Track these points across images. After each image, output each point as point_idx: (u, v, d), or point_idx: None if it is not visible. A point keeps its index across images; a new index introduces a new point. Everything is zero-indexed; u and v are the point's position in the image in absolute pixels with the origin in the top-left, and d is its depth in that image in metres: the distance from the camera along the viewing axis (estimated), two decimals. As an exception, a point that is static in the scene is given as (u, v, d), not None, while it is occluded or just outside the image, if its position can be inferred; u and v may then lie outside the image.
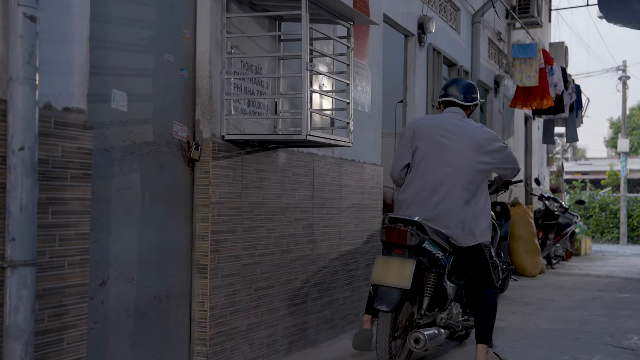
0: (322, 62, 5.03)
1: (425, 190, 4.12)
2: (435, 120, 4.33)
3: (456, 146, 4.11)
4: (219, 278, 3.84)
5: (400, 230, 3.94)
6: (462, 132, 4.15)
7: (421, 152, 4.19)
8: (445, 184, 4.09)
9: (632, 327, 5.90)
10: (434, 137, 4.17)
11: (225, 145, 3.90)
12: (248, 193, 4.12)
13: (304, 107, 3.71)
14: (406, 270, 3.85)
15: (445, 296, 4.24)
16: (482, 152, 4.13)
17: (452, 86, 4.38)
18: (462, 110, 4.31)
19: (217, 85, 3.85)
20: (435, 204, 4.09)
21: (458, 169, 4.09)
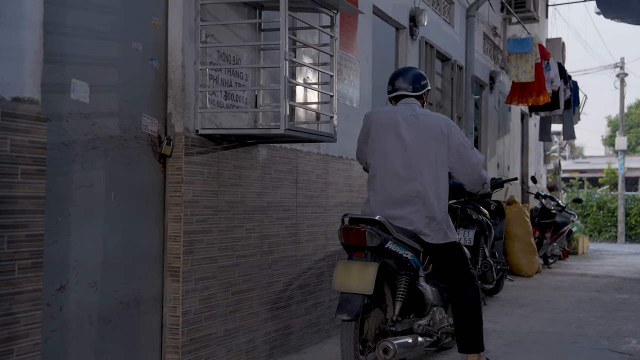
0: (307, 54, 4.81)
1: (386, 185, 3.90)
2: (389, 112, 4.03)
3: (415, 138, 3.90)
4: (192, 281, 3.61)
5: (358, 230, 3.61)
6: (417, 123, 3.94)
7: (374, 146, 3.99)
8: (407, 178, 3.87)
9: (630, 330, 5.69)
10: (386, 131, 3.95)
11: (200, 140, 3.67)
12: (225, 191, 3.89)
13: (282, 100, 3.48)
14: (367, 274, 3.54)
15: (421, 300, 3.92)
16: (443, 140, 3.91)
17: (398, 79, 4.09)
18: (416, 99, 4.06)
19: (191, 76, 3.62)
20: (398, 200, 3.86)
21: (419, 161, 3.89)
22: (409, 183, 3.86)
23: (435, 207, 3.88)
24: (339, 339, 3.63)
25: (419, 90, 4.08)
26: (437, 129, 3.92)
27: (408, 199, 3.85)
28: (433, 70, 7.38)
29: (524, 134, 12.94)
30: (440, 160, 3.92)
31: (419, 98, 4.09)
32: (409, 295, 3.86)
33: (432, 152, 3.90)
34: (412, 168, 3.88)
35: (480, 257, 6.69)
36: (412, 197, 3.85)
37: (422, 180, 3.87)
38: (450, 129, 3.96)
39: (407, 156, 3.89)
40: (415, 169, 3.87)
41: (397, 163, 3.90)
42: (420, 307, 3.95)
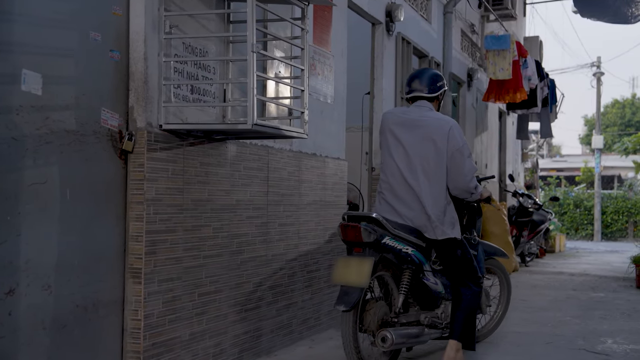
0: (279, 48, 4.67)
1: (390, 184, 4.11)
2: (399, 115, 4.23)
3: (413, 138, 4.07)
4: (155, 283, 3.45)
5: (354, 227, 3.80)
6: (419, 126, 4.09)
7: (384, 146, 4.21)
8: (408, 178, 4.06)
9: (605, 330, 5.63)
10: (392, 132, 4.16)
11: (163, 136, 3.51)
12: (191, 188, 3.74)
13: (250, 94, 3.34)
14: (364, 268, 3.72)
15: (429, 294, 4.11)
16: (438, 141, 4.03)
17: (414, 81, 4.25)
18: (430, 101, 4.22)
19: (154, 69, 3.46)
20: (399, 197, 4.06)
21: (418, 160, 4.05)
22: (409, 182, 4.04)
23: (431, 206, 4.00)
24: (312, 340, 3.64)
25: (435, 92, 4.22)
26: (439, 131, 4.04)
27: (409, 197, 4.04)
28: (409, 66, 7.27)
29: (501, 132, 12.91)
30: (439, 161, 4.04)
31: (435, 99, 4.25)
32: (414, 289, 4.04)
33: (431, 153, 4.04)
34: (411, 168, 4.05)
35: (456, 256, 6.58)
36: (411, 196, 4.03)
37: (420, 179, 4.03)
38: (451, 132, 4.05)
39: (408, 156, 4.06)
40: (414, 169, 4.04)
41: (400, 163, 4.08)
42: (427, 300, 4.13)
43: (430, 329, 4.14)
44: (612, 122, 40.64)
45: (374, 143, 6.58)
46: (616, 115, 41.51)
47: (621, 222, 20.79)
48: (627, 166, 30.40)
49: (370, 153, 6.61)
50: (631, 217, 20.61)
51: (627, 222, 20.72)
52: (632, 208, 20.60)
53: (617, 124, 40.52)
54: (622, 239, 20.49)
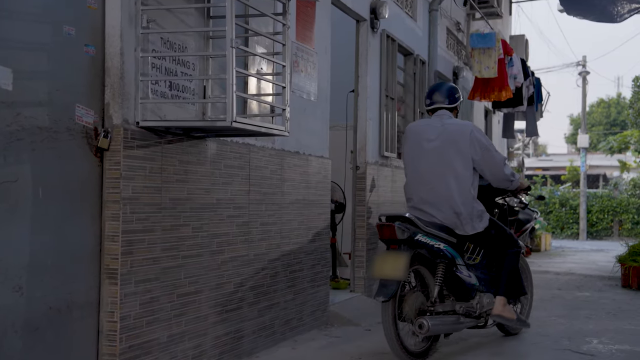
0: (262, 44, 4.59)
1: (418, 189, 4.54)
2: (421, 125, 4.71)
3: (438, 144, 4.50)
4: (132, 283, 3.37)
5: (389, 226, 4.23)
6: (444, 132, 4.52)
7: (407, 155, 4.67)
8: (434, 181, 4.48)
9: (591, 329, 5.60)
10: (417, 141, 4.60)
11: (141, 133, 3.43)
12: (169, 187, 3.66)
13: (229, 90, 3.26)
14: (400, 262, 4.13)
15: (462, 285, 4.50)
16: (462, 145, 4.47)
17: (435, 94, 4.72)
18: (449, 111, 4.68)
19: (130, 64, 3.37)
20: (428, 201, 4.48)
21: (443, 164, 4.47)
22: (436, 186, 4.47)
23: (460, 205, 4.44)
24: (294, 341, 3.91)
25: (454, 103, 4.71)
26: (461, 136, 4.50)
27: (437, 199, 4.46)
28: (394, 64, 7.21)
29: (487, 130, 12.89)
30: (464, 163, 4.49)
31: (454, 109, 4.73)
32: (448, 281, 4.46)
33: (456, 157, 4.48)
34: (437, 173, 4.48)
35: (441, 255, 6.54)
36: (440, 198, 4.46)
37: (447, 182, 4.45)
38: (473, 135, 4.51)
39: (433, 162, 4.50)
40: (440, 173, 4.47)
41: (426, 169, 4.52)
42: (461, 291, 4.53)
43: (465, 318, 4.51)
44: (598, 122, 40.89)
45: (358, 141, 6.52)
46: (602, 114, 41.76)
47: (606, 221, 20.89)
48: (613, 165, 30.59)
49: (355, 151, 6.55)
50: (616, 216, 20.72)
51: (612, 221, 20.82)
52: (618, 207, 20.71)
53: (602, 123, 40.76)
54: (607, 237, 20.58)
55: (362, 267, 6.44)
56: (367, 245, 6.52)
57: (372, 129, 6.66)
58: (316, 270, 5.47)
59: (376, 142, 6.78)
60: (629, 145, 25.72)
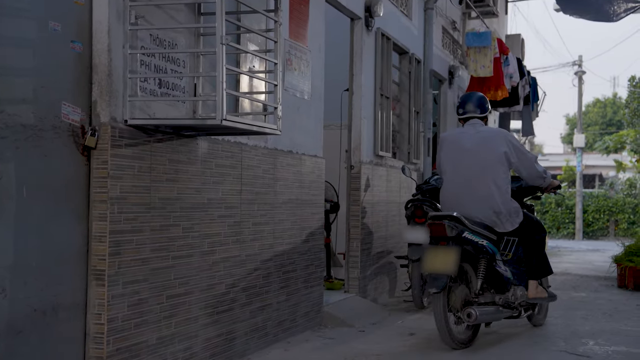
0: (254, 42, 4.53)
1: (457, 191, 4.95)
2: (457, 134, 5.18)
3: (475, 150, 4.94)
4: (119, 285, 3.30)
5: (439, 224, 4.64)
6: (478, 141, 4.97)
7: (444, 162, 5.09)
8: (474, 184, 4.89)
9: (587, 330, 5.55)
10: (454, 148, 5.05)
11: (129, 131, 3.36)
12: (159, 186, 3.59)
13: (219, 88, 3.20)
14: (450, 258, 4.56)
15: (500, 279, 4.93)
16: (497, 150, 4.90)
17: (467, 104, 5.18)
18: (481, 120, 5.13)
19: (119, 61, 3.30)
20: (469, 200, 4.88)
21: (481, 168, 4.90)
22: (476, 188, 4.88)
23: (500, 204, 4.88)
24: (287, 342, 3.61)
25: (484, 112, 5.16)
26: (497, 141, 4.95)
27: (478, 200, 4.87)
28: (389, 63, 7.15)
29: (483, 130, 12.84)
30: (500, 166, 4.91)
31: (485, 118, 5.18)
32: (488, 274, 4.88)
33: (492, 160, 4.90)
34: (477, 176, 4.89)
35: (436, 255, 6.50)
36: (480, 198, 4.87)
37: (487, 184, 4.88)
38: (507, 139, 4.99)
39: (472, 167, 4.92)
40: (480, 177, 4.89)
41: (466, 172, 4.93)
42: (499, 284, 4.97)
43: (504, 309, 4.93)
44: (594, 121, 40.90)
45: (352, 140, 6.46)
46: (597, 114, 41.78)
47: (602, 220, 20.87)
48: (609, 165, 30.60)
49: (350, 151, 6.48)
50: (612, 215, 20.70)
51: (608, 221, 20.80)
52: (614, 207, 20.69)
53: (598, 123, 40.78)
54: (603, 237, 20.56)
55: (357, 267, 6.38)
56: (362, 246, 6.45)
57: (366, 128, 6.60)
58: (310, 270, 5.41)
59: (371, 141, 6.73)
60: (625, 145, 25.71)
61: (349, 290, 6.41)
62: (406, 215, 6.51)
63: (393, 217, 7.37)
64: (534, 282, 5.07)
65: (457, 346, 4.67)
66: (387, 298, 7.11)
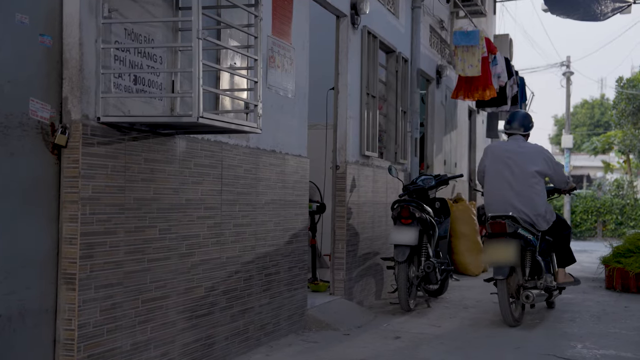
0: (235, 38, 4.41)
1: (503, 196, 5.87)
2: (502, 147, 6.16)
3: (518, 162, 5.88)
4: (91, 289, 3.17)
5: (501, 223, 5.66)
6: (521, 152, 5.94)
7: (490, 170, 6.02)
8: (517, 187, 5.83)
9: (575, 333, 5.46)
10: (499, 159, 5.98)
11: (102, 129, 3.23)
12: (134, 187, 3.46)
13: (195, 84, 3.08)
14: (511, 250, 5.62)
15: (539, 268, 5.93)
16: (538, 161, 5.89)
17: (513, 122, 6.13)
18: (523, 136, 6.10)
19: (91, 56, 3.17)
20: (514, 202, 5.80)
21: (524, 177, 5.85)
22: (520, 193, 5.82)
23: (540, 206, 5.88)
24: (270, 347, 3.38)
25: (528, 130, 6.14)
26: (537, 155, 5.96)
27: (522, 203, 5.80)
28: (376, 61, 7.05)
29: (471, 130, 12.78)
30: (538, 176, 5.89)
31: (527, 135, 6.16)
32: (531, 264, 5.88)
33: (532, 171, 5.86)
34: (521, 183, 5.84)
35: (423, 257, 6.40)
36: (524, 201, 5.81)
37: (530, 190, 5.84)
38: (546, 154, 6.01)
39: (516, 175, 5.87)
40: (524, 183, 5.84)
41: (510, 179, 5.87)
42: (538, 272, 5.95)
43: (543, 292, 5.89)
44: (582, 123, 41.04)
45: (338, 140, 6.35)
46: (585, 115, 41.93)
47: (590, 221, 20.87)
48: (596, 166, 30.69)
49: (335, 151, 6.37)
50: (600, 216, 20.71)
51: (596, 222, 20.81)
52: (601, 208, 20.70)
53: (586, 124, 40.93)
54: (591, 238, 20.56)
55: (342, 269, 6.27)
56: (347, 247, 6.34)
57: (352, 127, 6.49)
58: (293, 272, 5.29)
59: (357, 141, 6.62)
60: (613, 145, 25.78)
61: (334, 293, 6.29)
62: (392, 216, 6.41)
63: (380, 218, 7.27)
64: (562, 269, 6.20)
65: (514, 324, 5.64)
66: (374, 300, 7.01)
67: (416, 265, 6.39)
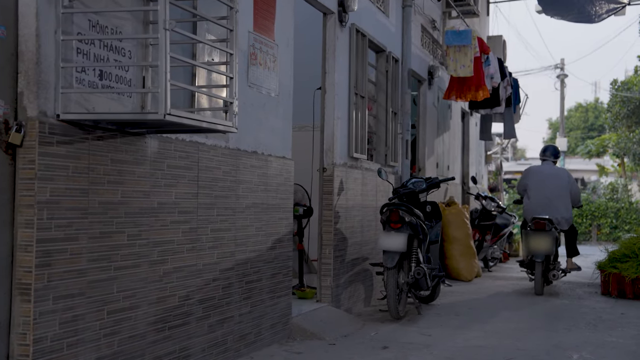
0: (213, 33, 4.18)
1: (541, 202, 8.23)
2: (539, 168, 8.64)
3: (552, 180, 8.34)
4: (49, 300, 2.93)
5: (543, 222, 7.92)
6: (553, 173, 8.45)
7: (531, 185, 8.42)
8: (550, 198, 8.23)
9: (571, 342, 5.24)
10: (538, 177, 8.42)
11: (62, 127, 3.00)
12: (99, 189, 3.23)
13: (161, 79, 2.85)
14: (550, 242, 7.86)
15: (557, 255, 8.28)
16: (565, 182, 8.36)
17: (547, 152, 8.72)
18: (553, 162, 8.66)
19: (49, 48, 2.94)
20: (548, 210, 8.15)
21: (554, 191, 8.27)
22: (553, 202, 8.23)
23: (566, 212, 8.30)
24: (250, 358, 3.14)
25: (556, 158, 8.72)
26: (564, 176, 8.48)
27: (553, 209, 8.17)
28: (365, 61, 6.82)
29: (464, 132, 12.57)
30: (565, 191, 8.33)
31: (555, 161, 8.68)
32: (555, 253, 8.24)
33: (562, 187, 8.30)
34: (554, 195, 8.26)
35: (413, 262, 6.17)
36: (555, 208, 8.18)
37: (559, 200, 8.27)
38: (569, 176, 8.58)
39: (549, 189, 8.28)
40: (556, 196, 8.26)
41: (546, 192, 8.26)
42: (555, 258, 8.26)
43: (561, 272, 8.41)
44: (576, 126, 40.97)
45: (325, 141, 6.12)
46: (579, 119, 41.87)
47: (585, 225, 20.67)
48: (591, 169, 30.54)
49: (322, 153, 6.14)
50: (594, 220, 20.51)
51: (590, 226, 20.61)
52: (596, 211, 20.50)
53: (580, 127, 40.86)
54: (585, 242, 20.33)
55: (329, 275, 6.04)
56: (335, 252, 6.11)
57: (340, 128, 6.27)
58: (277, 279, 5.05)
59: (345, 142, 6.39)
60: (607, 149, 25.64)
61: (321, 300, 6.06)
62: (381, 220, 6.18)
63: (369, 222, 7.04)
64: (570, 259, 8.65)
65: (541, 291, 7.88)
66: (363, 307, 6.78)
67: (406, 271, 6.16)
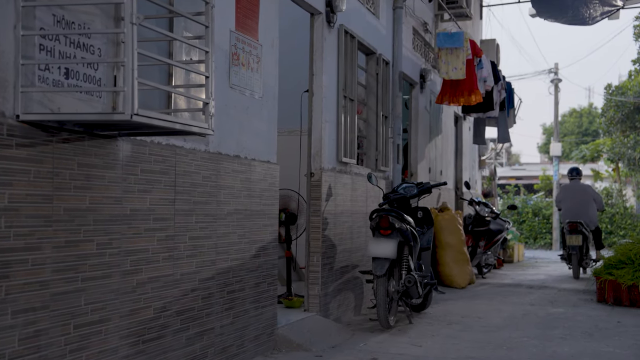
0: (191, 31, 3.99)
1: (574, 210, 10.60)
2: (571, 184, 11.03)
3: (582, 193, 10.80)
4: (7, 315, 2.73)
5: (576, 224, 10.35)
6: (581, 188, 10.94)
7: (565, 197, 10.88)
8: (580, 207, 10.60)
9: (565, 353, 5.05)
10: (571, 191, 10.89)
11: (22, 129, 2.80)
12: (65, 195, 3.03)
13: (128, 77, 2.66)
14: (580, 238, 10.29)
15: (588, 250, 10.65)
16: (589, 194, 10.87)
17: (573, 173, 11.07)
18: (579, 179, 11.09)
19: (8, 44, 2.75)
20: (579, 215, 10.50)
21: (582, 201, 10.64)
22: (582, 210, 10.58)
23: (592, 216, 10.69)
24: None
25: (581, 176, 11.14)
26: (589, 190, 11.00)
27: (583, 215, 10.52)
28: (355, 63, 6.64)
29: (457, 137, 12.40)
30: (592, 201, 10.73)
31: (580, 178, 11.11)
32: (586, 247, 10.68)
33: (588, 199, 10.72)
34: (584, 204, 10.64)
35: (404, 270, 5.98)
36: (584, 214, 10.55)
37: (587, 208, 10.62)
38: (593, 189, 11.24)
39: (580, 200, 10.67)
40: (585, 204, 10.64)
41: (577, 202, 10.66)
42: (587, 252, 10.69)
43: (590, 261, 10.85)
44: (570, 131, 40.91)
45: (313, 145, 5.93)
46: (574, 124, 41.82)
47: (580, 230, 20.53)
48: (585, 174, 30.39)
49: (309, 157, 5.95)
50: (589, 225, 20.37)
51: (585, 231, 20.46)
52: (591, 216, 20.36)
53: (574, 132, 40.81)
54: (580, 247, 20.19)
55: (317, 283, 5.84)
56: (323, 260, 5.92)
57: (328, 132, 6.08)
58: (261, 289, 4.85)
59: (333, 146, 6.21)
60: (602, 154, 25.51)
61: (309, 309, 5.86)
62: (370, 226, 5.99)
63: (359, 228, 6.85)
64: (598, 250, 11.02)
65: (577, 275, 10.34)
66: (352, 316, 6.58)
67: (396, 279, 5.97)
